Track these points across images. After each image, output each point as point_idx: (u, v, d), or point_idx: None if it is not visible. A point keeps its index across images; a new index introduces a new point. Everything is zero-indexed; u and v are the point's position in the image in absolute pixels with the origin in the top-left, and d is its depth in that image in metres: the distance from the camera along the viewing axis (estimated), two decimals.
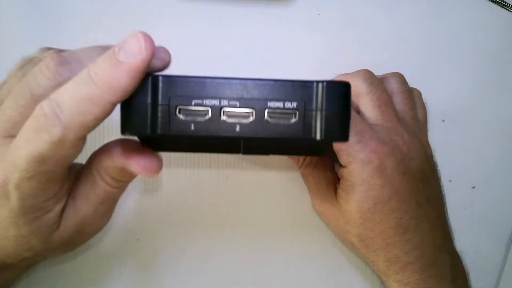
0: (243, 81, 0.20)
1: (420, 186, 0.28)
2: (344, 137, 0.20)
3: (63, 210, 0.23)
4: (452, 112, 0.36)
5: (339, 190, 0.29)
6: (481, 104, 0.36)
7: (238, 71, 0.34)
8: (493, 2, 0.35)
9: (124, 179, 0.24)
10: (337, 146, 0.27)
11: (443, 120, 0.36)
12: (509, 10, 0.35)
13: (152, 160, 0.22)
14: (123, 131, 0.20)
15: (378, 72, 0.35)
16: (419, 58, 0.35)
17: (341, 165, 0.28)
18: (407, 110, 0.31)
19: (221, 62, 0.35)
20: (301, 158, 0.31)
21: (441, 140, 0.36)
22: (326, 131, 0.20)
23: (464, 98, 0.36)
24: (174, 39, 0.34)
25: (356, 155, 0.26)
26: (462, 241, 0.36)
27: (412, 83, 0.35)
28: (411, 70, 0.35)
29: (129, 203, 0.34)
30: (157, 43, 0.34)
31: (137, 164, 0.21)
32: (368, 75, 0.30)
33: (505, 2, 0.35)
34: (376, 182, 0.27)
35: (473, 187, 0.36)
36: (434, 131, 0.35)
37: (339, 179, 0.30)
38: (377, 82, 0.30)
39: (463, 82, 0.35)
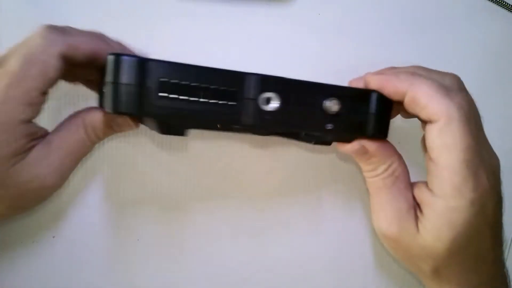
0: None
1: (496, 210, 0.27)
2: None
3: (33, 146, 0.25)
4: None
5: (424, 219, 0.26)
6: (481, 104, 0.36)
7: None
8: (493, 2, 0.35)
9: (101, 135, 0.28)
10: (444, 174, 0.25)
11: None
12: (509, 10, 0.35)
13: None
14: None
15: (380, 65, 0.35)
16: (419, 58, 0.35)
17: (430, 193, 0.26)
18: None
19: (221, 62, 0.34)
20: (383, 165, 0.28)
21: None
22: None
23: None
24: (174, 39, 0.34)
25: (465, 193, 0.25)
26: None
27: None
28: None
29: (129, 203, 0.34)
30: (157, 43, 0.34)
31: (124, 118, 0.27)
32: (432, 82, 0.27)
33: (505, 2, 0.35)
34: (476, 220, 0.25)
35: None
36: None
37: (418, 204, 0.28)
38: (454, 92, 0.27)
39: (463, 82, 0.35)
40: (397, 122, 0.35)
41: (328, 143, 0.32)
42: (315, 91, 0.26)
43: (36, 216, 0.34)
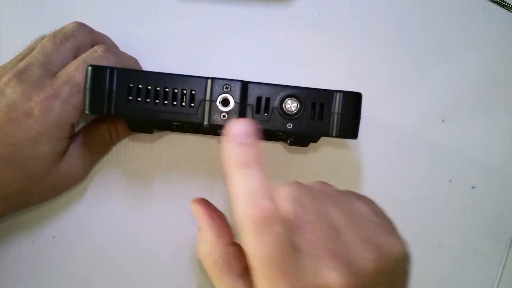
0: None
1: None
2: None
3: (68, 145, 0.29)
4: (452, 112, 0.36)
5: None
6: (481, 104, 0.36)
7: (237, 70, 0.34)
8: (493, 2, 0.35)
9: (120, 138, 0.33)
10: (253, 278, 0.20)
11: (443, 120, 0.36)
12: (509, 10, 0.35)
13: None
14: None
15: (380, 71, 0.35)
16: (419, 57, 0.35)
17: None
18: (340, 215, 0.22)
19: (221, 62, 0.35)
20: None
21: (441, 140, 0.36)
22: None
23: (464, 98, 0.36)
24: (174, 39, 0.34)
25: None
26: (462, 241, 0.36)
27: (411, 83, 0.35)
28: (411, 69, 0.35)
29: (129, 203, 0.34)
30: (157, 43, 0.34)
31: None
32: (292, 189, 0.23)
33: (505, 2, 0.35)
34: None
35: (473, 187, 0.36)
36: (434, 131, 0.36)
37: None
38: (300, 197, 0.22)
39: (463, 82, 0.35)
40: (397, 121, 0.35)
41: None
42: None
43: (36, 216, 0.34)
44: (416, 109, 0.35)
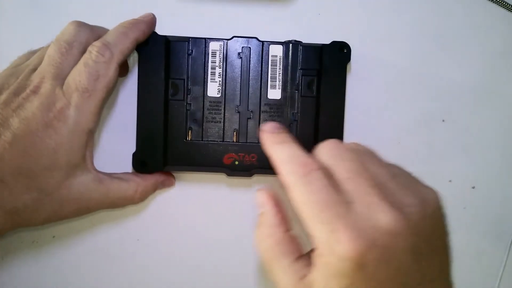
0: None
1: (410, 269, 0.22)
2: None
3: (87, 158, 0.29)
4: (452, 112, 0.36)
5: (314, 277, 0.22)
6: (481, 104, 0.36)
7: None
8: (493, 2, 0.35)
9: (144, 199, 0.33)
10: (311, 233, 0.22)
11: (443, 120, 0.36)
12: (509, 10, 0.35)
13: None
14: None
15: (381, 71, 0.35)
16: (419, 57, 0.35)
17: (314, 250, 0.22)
18: (382, 170, 0.23)
19: None
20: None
21: (441, 140, 0.36)
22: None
23: (464, 98, 0.36)
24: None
25: (330, 247, 0.21)
26: (462, 241, 0.36)
27: (411, 83, 0.35)
28: (410, 69, 0.35)
29: None
30: None
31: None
32: (331, 147, 0.24)
33: (505, 2, 0.35)
34: (358, 279, 0.21)
35: (473, 187, 0.36)
36: (434, 131, 0.36)
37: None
38: (339, 151, 0.24)
39: (463, 82, 0.35)
40: (397, 121, 0.35)
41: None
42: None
43: None
44: (416, 109, 0.35)
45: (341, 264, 0.20)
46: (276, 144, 0.24)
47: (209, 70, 0.32)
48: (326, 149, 0.24)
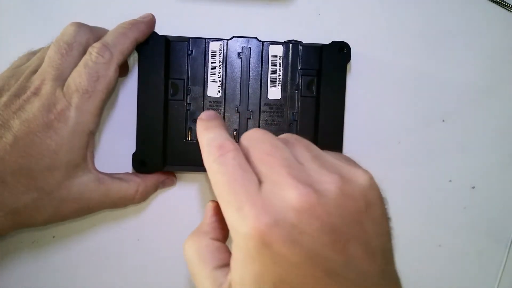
0: None
1: (329, 250, 0.20)
2: None
3: (87, 159, 0.29)
4: (452, 112, 0.36)
5: (231, 268, 0.21)
6: (481, 104, 0.36)
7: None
8: (493, 2, 0.35)
9: (144, 199, 0.33)
10: (224, 216, 0.21)
11: (443, 120, 0.36)
12: (509, 10, 0.35)
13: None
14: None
15: (381, 71, 0.35)
16: (419, 57, 0.35)
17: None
18: (304, 153, 0.23)
19: None
20: None
21: (441, 140, 0.36)
22: None
23: (464, 98, 0.36)
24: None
25: (237, 228, 0.20)
26: (462, 241, 0.36)
27: (411, 83, 0.35)
28: (411, 69, 0.35)
29: None
30: None
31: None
32: (253, 132, 0.24)
33: (505, 2, 0.35)
34: (266, 259, 0.20)
35: (473, 187, 0.36)
36: (434, 131, 0.36)
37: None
38: (257, 136, 0.23)
39: (463, 82, 0.35)
40: (397, 121, 0.35)
41: None
42: None
43: None
44: (416, 109, 0.35)
45: (246, 245, 0.19)
46: (204, 130, 0.24)
47: (209, 70, 0.32)
48: (247, 135, 0.23)
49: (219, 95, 0.32)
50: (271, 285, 0.19)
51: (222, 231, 0.25)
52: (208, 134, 0.23)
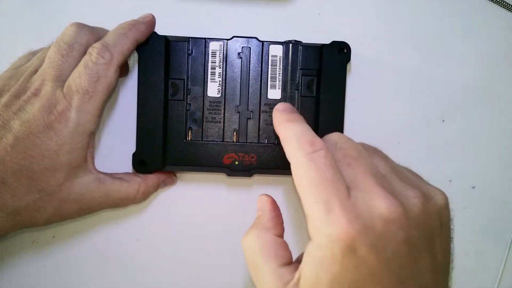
0: None
1: (404, 260, 0.21)
2: None
3: (88, 159, 0.29)
4: (452, 112, 0.36)
5: (304, 266, 0.21)
6: (481, 104, 0.36)
7: None
8: (493, 2, 0.35)
9: (145, 198, 0.33)
10: (306, 212, 0.21)
11: (443, 120, 0.36)
12: (509, 10, 0.35)
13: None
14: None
15: (381, 71, 0.35)
16: (419, 57, 0.35)
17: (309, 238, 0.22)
18: (384, 164, 0.24)
19: None
20: None
21: (441, 140, 0.36)
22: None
23: (464, 98, 0.36)
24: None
25: (323, 228, 0.20)
26: (462, 241, 0.36)
27: (412, 83, 0.35)
28: (411, 69, 0.35)
29: None
30: None
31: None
32: (337, 135, 0.25)
33: (505, 2, 0.35)
34: (348, 265, 0.20)
35: (473, 187, 0.36)
36: (434, 131, 0.36)
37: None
38: (343, 140, 0.25)
39: (463, 82, 0.35)
40: (397, 121, 0.35)
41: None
42: None
43: None
44: (416, 109, 0.35)
45: (331, 246, 0.20)
46: (287, 121, 0.24)
47: (209, 70, 0.32)
48: (332, 137, 0.24)
49: (219, 95, 0.32)
50: (345, 287, 0.20)
51: (282, 227, 0.25)
52: (295, 127, 0.24)
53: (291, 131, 0.23)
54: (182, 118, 0.32)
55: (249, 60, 0.32)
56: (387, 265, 0.20)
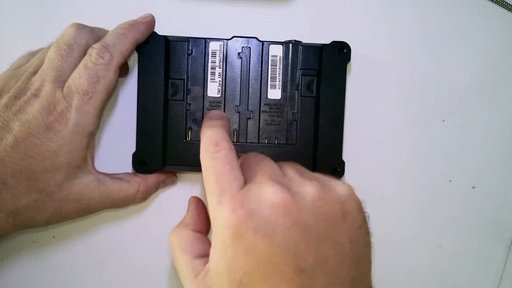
0: None
1: (300, 247, 0.21)
2: None
3: (87, 160, 0.29)
4: (452, 112, 0.36)
5: (210, 257, 0.23)
6: (481, 104, 0.36)
7: None
8: (493, 2, 0.35)
9: (145, 198, 0.33)
10: (208, 202, 0.23)
11: (443, 120, 0.36)
12: (509, 10, 0.35)
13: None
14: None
15: (381, 71, 0.35)
16: (419, 57, 0.35)
17: None
18: (289, 168, 0.25)
19: None
20: None
21: (441, 140, 0.36)
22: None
23: (464, 98, 0.36)
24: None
25: (215, 218, 0.22)
26: (462, 241, 0.36)
27: (412, 83, 0.35)
28: (411, 69, 0.35)
29: None
30: None
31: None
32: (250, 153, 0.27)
33: (505, 2, 0.35)
34: (238, 248, 0.21)
35: (473, 187, 0.36)
36: (434, 131, 0.36)
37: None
38: (255, 154, 0.27)
39: (463, 82, 0.35)
40: (397, 121, 0.35)
41: None
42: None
43: None
44: (416, 109, 0.35)
45: (222, 233, 0.21)
46: (206, 127, 0.27)
47: (209, 70, 0.32)
48: (246, 154, 0.27)
49: (219, 95, 0.32)
50: (241, 274, 0.21)
51: (203, 223, 0.27)
52: (209, 132, 0.26)
53: (204, 135, 0.26)
54: (182, 118, 0.32)
55: (249, 60, 0.32)
56: (280, 251, 0.20)
